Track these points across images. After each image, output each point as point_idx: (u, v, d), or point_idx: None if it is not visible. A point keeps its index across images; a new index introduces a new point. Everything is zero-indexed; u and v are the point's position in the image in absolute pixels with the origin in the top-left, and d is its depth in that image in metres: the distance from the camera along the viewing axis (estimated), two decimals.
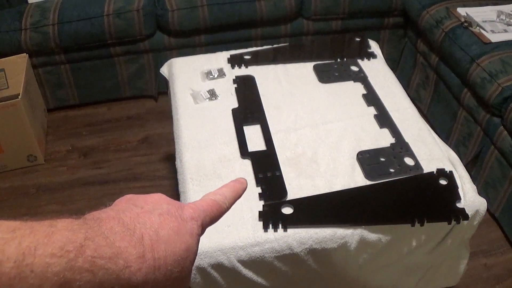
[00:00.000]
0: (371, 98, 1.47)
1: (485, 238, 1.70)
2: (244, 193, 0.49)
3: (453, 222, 1.14)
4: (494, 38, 1.82)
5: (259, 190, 1.17)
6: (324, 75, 1.57)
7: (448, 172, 1.22)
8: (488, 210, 1.48)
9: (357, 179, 1.21)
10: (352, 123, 1.38)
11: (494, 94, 1.66)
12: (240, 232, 1.09)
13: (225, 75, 1.57)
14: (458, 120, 1.92)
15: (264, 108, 1.43)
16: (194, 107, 1.45)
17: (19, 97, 1.83)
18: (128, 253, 0.34)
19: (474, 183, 1.22)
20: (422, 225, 1.12)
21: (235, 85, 1.53)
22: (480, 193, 1.21)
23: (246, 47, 1.72)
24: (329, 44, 1.74)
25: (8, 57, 2.02)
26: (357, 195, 1.18)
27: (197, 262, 1.06)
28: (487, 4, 2.04)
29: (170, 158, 2.01)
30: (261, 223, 1.10)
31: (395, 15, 2.30)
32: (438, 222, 1.14)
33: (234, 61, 1.63)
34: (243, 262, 1.09)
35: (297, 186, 1.19)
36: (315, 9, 2.21)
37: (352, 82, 1.55)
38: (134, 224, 0.36)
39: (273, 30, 2.25)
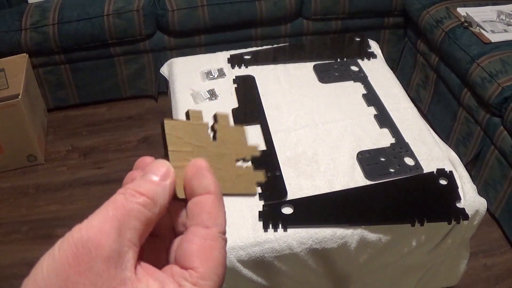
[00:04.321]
0: (371, 98, 1.47)
1: (485, 238, 1.70)
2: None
3: (453, 222, 1.14)
4: (494, 38, 1.82)
5: (259, 190, 1.17)
6: (324, 75, 1.57)
7: (448, 172, 1.22)
8: (488, 210, 1.48)
9: (357, 179, 1.21)
10: (352, 123, 1.38)
11: (494, 94, 1.66)
12: (240, 232, 1.09)
13: (225, 75, 1.57)
14: (458, 120, 1.92)
15: (264, 108, 1.43)
16: (194, 107, 1.45)
17: (19, 97, 1.83)
18: None
19: (474, 183, 1.22)
20: (422, 225, 1.12)
21: (235, 85, 1.53)
22: (480, 193, 1.21)
23: (246, 47, 1.72)
24: (329, 44, 1.74)
25: (8, 57, 2.02)
26: (357, 195, 1.18)
27: None
28: (487, 4, 2.04)
29: None
30: (261, 223, 1.10)
31: (395, 15, 2.30)
32: (438, 222, 1.14)
33: (234, 61, 1.63)
34: (243, 262, 1.09)
35: (297, 186, 1.19)
36: (315, 9, 2.21)
37: (352, 82, 1.55)
38: None
39: (273, 30, 2.25)
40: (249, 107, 1.44)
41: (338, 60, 1.64)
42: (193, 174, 0.33)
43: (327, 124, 1.38)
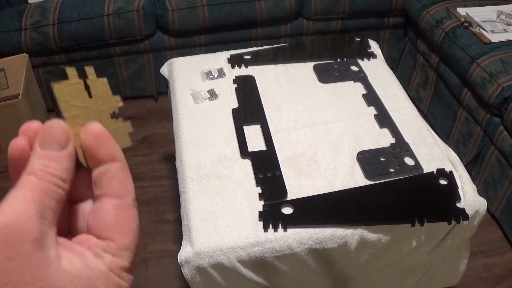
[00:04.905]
0: (371, 98, 1.47)
1: (485, 238, 1.70)
2: (244, 193, 0.42)
3: (453, 222, 1.14)
4: (494, 38, 1.82)
5: (259, 190, 1.17)
6: (324, 75, 1.57)
7: (448, 172, 1.22)
8: (488, 210, 1.48)
9: (357, 179, 1.21)
10: (352, 123, 1.38)
11: (494, 94, 1.66)
12: (240, 232, 1.09)
13: (225, 75, 1.57)
14: (458, 120, 1.92)
15: (264, 108, 1.43)
16: (194, 107, 1.45)
17: (19, 97, 1.83)
18: None
19: (474, 183, 1.22)
20: (422, 225, 1.12)
21: (235, 85, 1.53)
22: (480, 193, 1.21)
23: (246, 47, 1.72)
24: (329, 44, 1.74)
25: (8, 57, 2.02)
26: (357, 195, 1.18)
27: (197, 262, 1.06)
28: (487, 4, 2.04)
29: (170, 158, 2.01)
30: (261, 223, 1.10)
31: (395, 15, 2.30)
32: (438, 222, 1.14)
33: (234, 61, 1.63)
34: (243, 262, 1.09)
35: (297, 186, 1.19)
36: (315, 9, 2.21)
37: (352, 82, 1.55)
38: None
39: (273, 30, 2.25)
40: (249, 107, 1.44)
41: (338, 60, 1.64)
42: (93, 142, 0.32)
43: (327, 124, 1.38)
